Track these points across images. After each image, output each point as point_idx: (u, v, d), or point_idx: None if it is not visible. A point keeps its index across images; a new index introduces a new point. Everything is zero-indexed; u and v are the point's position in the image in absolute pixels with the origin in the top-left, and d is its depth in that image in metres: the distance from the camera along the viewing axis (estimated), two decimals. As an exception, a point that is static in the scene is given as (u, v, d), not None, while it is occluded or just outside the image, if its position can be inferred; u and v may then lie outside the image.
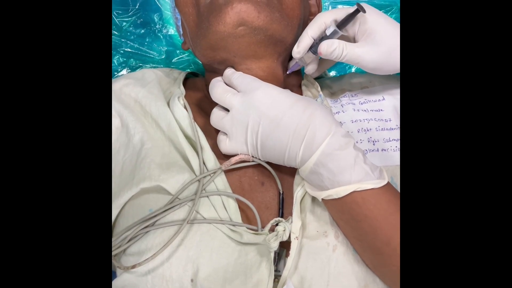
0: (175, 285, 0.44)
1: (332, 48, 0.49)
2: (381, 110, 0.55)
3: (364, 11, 0.47)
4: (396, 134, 0.53)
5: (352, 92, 0.59)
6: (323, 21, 0.49)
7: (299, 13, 0.52)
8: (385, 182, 0.43)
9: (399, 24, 0.51)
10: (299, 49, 0.51)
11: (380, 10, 0.76)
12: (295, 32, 0.52)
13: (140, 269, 0.45)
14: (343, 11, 0.50)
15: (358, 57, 0.49)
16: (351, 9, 0.49)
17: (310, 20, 0.60)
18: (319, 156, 0.43)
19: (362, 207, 0.42)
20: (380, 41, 0.49)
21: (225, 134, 0.49)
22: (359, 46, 0.49)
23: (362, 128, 0.53)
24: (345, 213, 0.44)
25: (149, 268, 0.45)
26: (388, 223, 0.42)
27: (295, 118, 0.44)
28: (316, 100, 0.51)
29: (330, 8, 0.77)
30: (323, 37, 0.49)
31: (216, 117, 0.49)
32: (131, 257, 0.47)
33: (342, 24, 0.48)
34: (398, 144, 0.52)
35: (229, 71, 0.50)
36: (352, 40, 0.52)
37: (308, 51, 0.52)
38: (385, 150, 0.52)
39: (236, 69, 0.51)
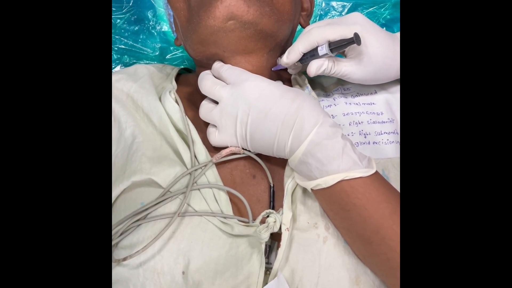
0: (167, 278, 0.44)
1: (321, 70, 0.50)
2: (373, 103, 0.56)
3: (359, 43, 0.47)
4: (388, 127, 0.53)
5: (344, 86, 0.59)
6: (316, 40, 0.49)
7: (290, 8, 0.52)
8: (373, 171, 0.43)
9: (391, 38, 0.51)
10: (287, 61, 0.51)
11: (374, 6, 0.77)
12: (287, 27, 0.52)
13: (132, 262, 0.45)
14: (337, 30, 0.49)
15: (345, 75, 0.52)
16: (346, 30, 0.48)
17: (302, 16, 0.61)
18: (308, 145, 0.43)
19: (351, 196, 0.42)
20: (367, 63, 0.51)
21: (215, 126, 0.49)
22: (347, 65, 0.51)
23: (354, 121, 0.53)
24: (334, 203, 0.44)
25: (140, 261, 0.45)
26: (377, 211, 0.42)
27: (284, 109, 0.44)
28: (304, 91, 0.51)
29: (323, 4, 0.77)
30: (314, 54, 0.49)
31: (205, 110, 0.49)
32: (123, 250, 0.47)
33: (335, 48, 0.48)
34: (389, 137, 0.52)
35: (217, 64, 0.51)
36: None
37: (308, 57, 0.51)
38: (376, 143, 0.52)
39: (225, 63, 0.51)
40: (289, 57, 0.51)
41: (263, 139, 0.46)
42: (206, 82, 0.49)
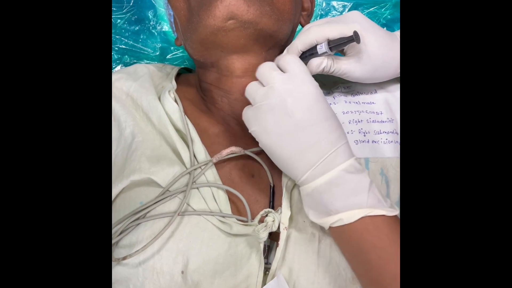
0: (166, 278, 0.44)
1: (321, 68, 0.49)
2: (373, 103, 0.56)
3: (359, 42, 0.46)
4: (387, 127, 0.53)
5: (344, 84, 0.59)
6: (315, 38, 0.48)
7: (291, 8, 0.52)
8: (397, 212, 0.41)
9: (390, 37, 0.51)
10: None
11: (374, 6, 0.76)
12: (287, 27, 0.52)
13: (132, 262, 0.45)
14: (337, 29, 0.48)
15: (344, 74, 0.51)
16: (345, 28, 0.47)
17: (303, 15, 0.61)
18: (338, 173, 0.41)
19: (374, 235, 0.40)
20: (366, 61, 0.50)
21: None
22: (346, 63, 0.50)
23: (353, 120, 0.53)
24: (353, 243, 0.41)
25: (140, 261, 0.45)
26: (398, 255, 0.39)
27: (325, 133, 0.42)
28: None
29: (324, 4, 0.77)
30: (313, 53, 0.49)
31: (252, 87, 0.46)
32: (122, 249, 0.47)
33: (334, 46, 0.47)
34: (388, 136, 0.52)
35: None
36: None
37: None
38: (375, 142, 0.52)
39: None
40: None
41: (286, 147, 0.43)
42: (266, 64, 0.46)
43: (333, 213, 0.41)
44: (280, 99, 0.43)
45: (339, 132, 0.43)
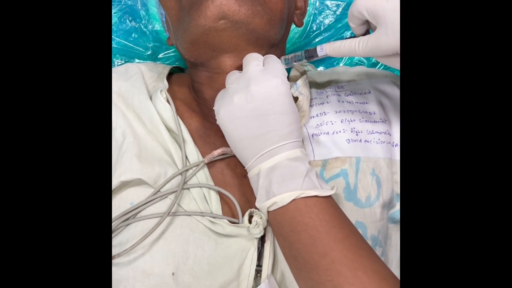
0: (156, 279, 0.44)
1: (358, 47, 0.45)
2: (366, 103, 0.55)
3: None
4: (380, 127, 0.53)
5: (338, 84, 0.58)
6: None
7: (283, 7, 0.51)
8: (330, 192, 0.42)
9: None
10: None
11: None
12: (279, 26, 0.51)
13: (121, 261, 0.45)
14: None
15: (377, 48, 0.43)
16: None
17: (296, 14, 0.60)
18: (279, 159, 0.43)
19: (304, 215, 0.41)
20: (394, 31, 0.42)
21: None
22: (376, 37, 0.43)
23: (346, 119, 0.53)
24: (286, 224, 0.42)
25: (130, 259, 0.45)
26: (328, 234, 0.40)
27: (279, 126, 0.44)
28: (291, 88, 0.50)
29: (318, 3, 0.76)
30: (313, 55, 0.49)
31: (231, 72, 0.49)
32: (112, 249, 0.47)
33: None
34: (381, 137, 0.52)
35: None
36: None
37: (295, 61, 0.51)
38: (368, 141, 0.52)
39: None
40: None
41: (238, 129, 0.45)
42: (252, 54, 0.48)
43: (270, 196, 0.42)
44: (246, 84, 0.44)
45: (292, 129, 0.44)
